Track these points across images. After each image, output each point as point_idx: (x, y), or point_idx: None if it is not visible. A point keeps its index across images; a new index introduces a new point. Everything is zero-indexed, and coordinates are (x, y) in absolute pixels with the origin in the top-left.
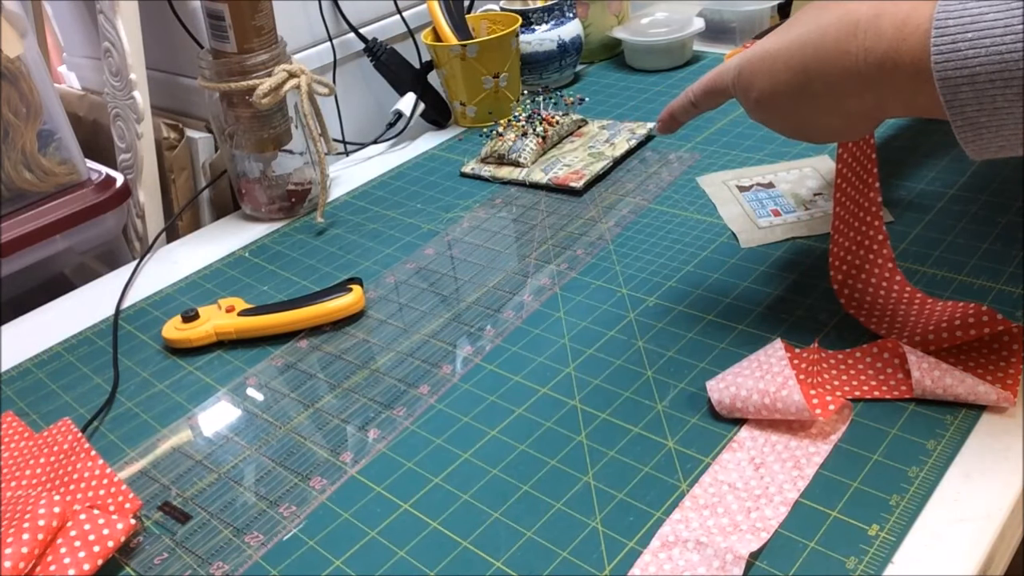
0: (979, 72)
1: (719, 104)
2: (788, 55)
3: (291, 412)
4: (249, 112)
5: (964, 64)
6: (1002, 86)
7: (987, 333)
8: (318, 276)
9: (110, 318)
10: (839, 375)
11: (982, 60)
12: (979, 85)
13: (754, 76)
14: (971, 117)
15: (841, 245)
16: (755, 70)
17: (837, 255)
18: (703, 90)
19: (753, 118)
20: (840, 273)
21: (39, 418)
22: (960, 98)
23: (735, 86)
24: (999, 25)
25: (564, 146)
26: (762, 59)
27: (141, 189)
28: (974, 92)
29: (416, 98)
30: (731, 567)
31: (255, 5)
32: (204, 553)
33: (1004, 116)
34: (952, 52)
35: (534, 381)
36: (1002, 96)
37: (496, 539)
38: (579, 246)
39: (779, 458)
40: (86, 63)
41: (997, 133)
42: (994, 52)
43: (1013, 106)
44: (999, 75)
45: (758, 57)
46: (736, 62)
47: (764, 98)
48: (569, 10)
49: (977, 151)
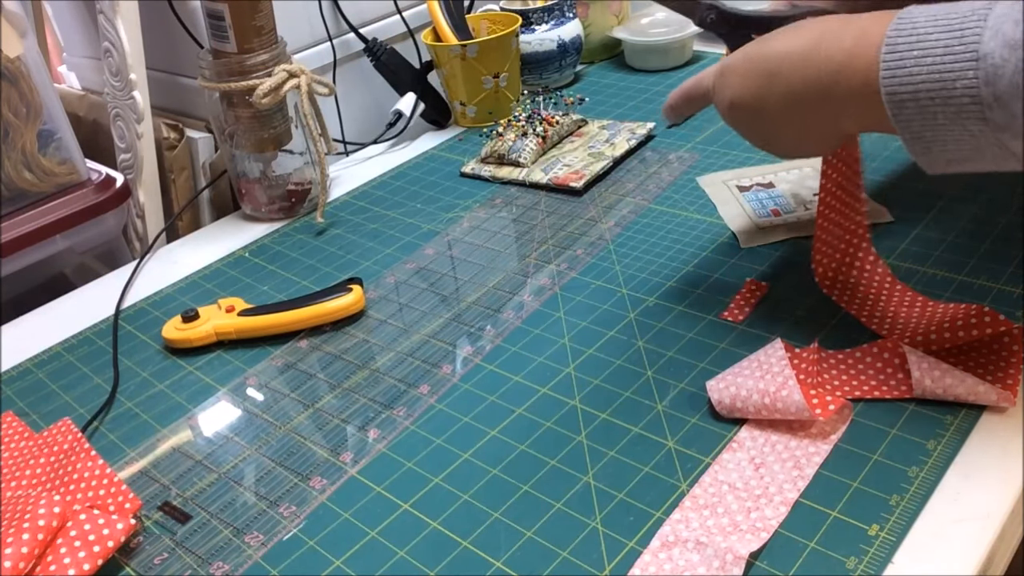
0: (921, 89)
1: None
2: (762, 60)
3: (291, 412)
4: (249, 112)
5: (908, 80)
6: (942, 104)
7: (988, 334)
8: (318, 276)
9: (110, 318)
10: (839, 375)
11: (924, 78)
12: (922, 102)
13: (729, 78)
14: (917, 132)
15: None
16: (732, 72)
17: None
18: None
19: (726, 123)
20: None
21: (39, 418)
22: (905, 113)
23: (714, 88)
24: (940, 46)
25: (564, 146)
26: (740, 62)
27: (141, 189)
28: (918, 108)
29: (416, 98)
30: (731, 567)
31: (255, 5)
32: (204, 553)
33: (946, 133)
34: (898, 68)
35: (534, 381)
36: (943, 114)
37: (496, 539)
38: (579, 246)
39: (779, 458)
40: (86, 63)
41: (943, 148)
42: (935, 71)
43: (953, 124)
44: (939, 93)
45: (738, 60)
46: (719, 64)
47: (735, 102)
48: (569, 10)
49: (928, 165)
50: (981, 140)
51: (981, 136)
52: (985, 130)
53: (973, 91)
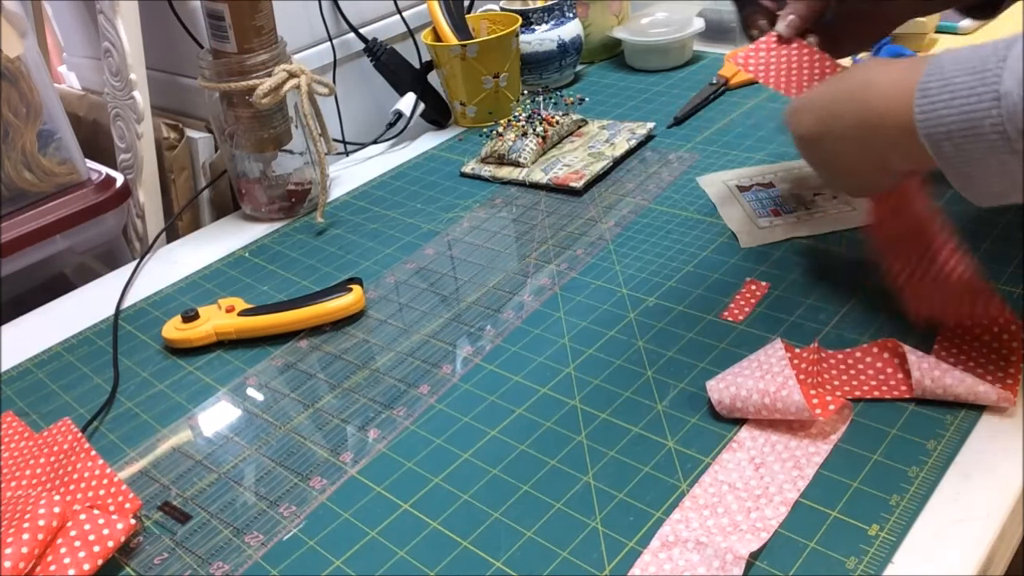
0: (953, 129)
1: None
2: (823, 101)
3: (291, 412)
4: (249, 112)
5: (941, 122)
6: (974, 141)
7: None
8: (318, 276)
9: (110, 318)
10: (839, 375)
11: (955, 119)
12: (955, 140)
13: (799, 116)
14: (957, 168)
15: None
16: (800, 111)
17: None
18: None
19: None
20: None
21: (39, 418)
22: (944, 152)
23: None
24: (966, 87)
25: (564, 146)
26: (803, 102)
27: (141, 189)
28: (953, 147)
29: (416, 98)
30: (731, 567)
31: (255, 5)
32: (204, 553)
33: (984, 167)
34: (931, 112)
35: (534, 381)
36: (977, 150)
37: (496, 539)
38: (579, 246)
39: (779, 458)
40: (86, 63)
41: (987, 182)
42: (963, 112)
43: (988, 159)
44: (970, 132)
45: (804, 101)
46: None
47: (803, 138)
48: (569, 10)
49: (976, 199)
50: (1017, 171)
51: (1016, 167)
52: (1017, 162)
53: (999, 128)
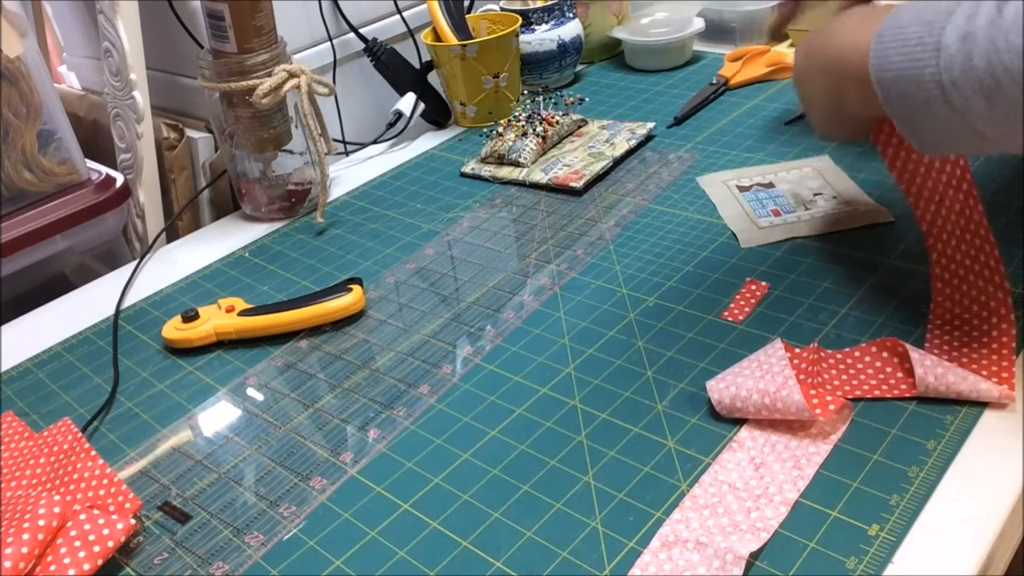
0: (900, 75)
1: None
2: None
3: (291, 412)
4: (249, 112)
5: (890, 67)
6: (916, 89)
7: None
8: (318, 276)
9: (110, 318)
10: (839, 375)
11: (901, 64)
12: (901, 86)
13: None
14: (902, 115)
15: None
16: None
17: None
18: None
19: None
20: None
21: (39, 418)
22: (890, 96)
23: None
24: (915, 36)
25: (564, 146)
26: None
27: (141, 189)
28: (899, 92)
29: (416, 98)
30: (731, 567)
31: (255, 5)
32: (204, 553)
33: (924, 116)
34: (883, 56)
35: (534, 381)
36: (918, 98)
37: (496, 539)
38: (579, 246)
39: (779, 458)
40: (86, 63)
41: (928, 131)
42: (910, 59)
43: (927, 107)
44: (913, 79)
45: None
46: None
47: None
48: (569, 10)
49: (920, 146)
50: (952, 123)
51: (951, 119)
52: (951, 114)
53: (936, 77)
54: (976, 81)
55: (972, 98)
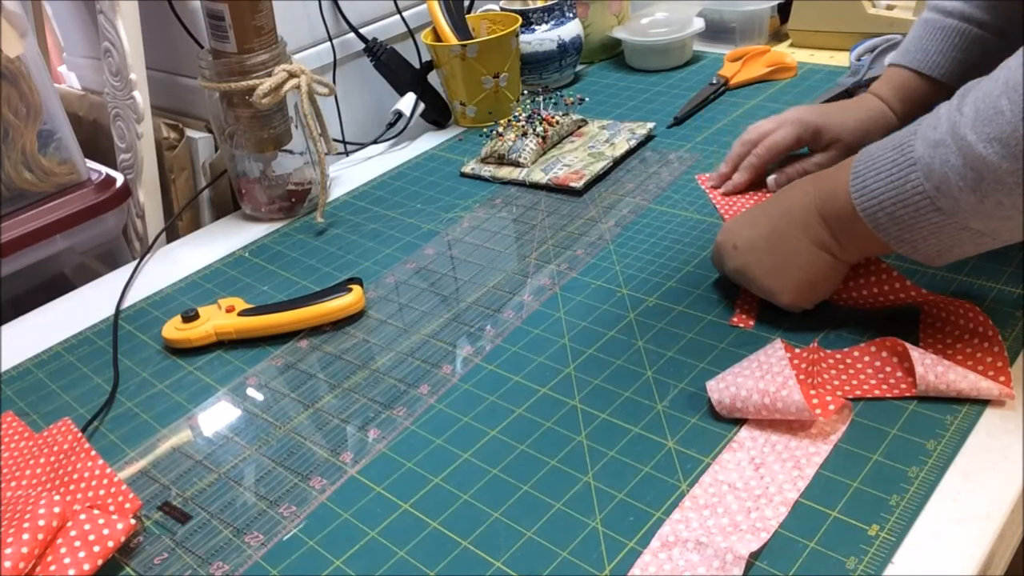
0: (884, 200)
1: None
2: (766, 208)
3: (291, 412)
4: (249, 112)
5: (873, 194)
6: (903, 207)
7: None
8: (318, 276)
9: (110, 318)
10: (839, 375)
11: (883, 190)
12: (887, 209)
13: (736, 227)
14: (896, 235)
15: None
16: (738, 224)
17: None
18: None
19: (733, 268)
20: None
21: (39, 418)
22: (881, 223)
23: (721, 244)
24: (889, 161)
25: (564, 146)
26: (744, 215)
27: (141, 189)
28: (887, 216)
29: (416, 98)
30: (731, 567)
31: (255, 5)
32: (204, 553)
33: (919, 230)
34: (863, 187)
35: (534, 381)
36: (908, 215)
37: (496, 539)
38: (579, 246)
39: (779, 458)
40: (86, 63)
41: (925, 243)
42: (889, 182)
43: (919, 221)
44: (898, 199)
45: (741, 216)
46: (724, 228)
47: (743, 243)
48: (569, 10)
49: (925, 260)
50: (947, 228)
51: (945, 225)
52: (944, 219)
53: (920, 189)
54: (959, 178)
55: (960, 196)
